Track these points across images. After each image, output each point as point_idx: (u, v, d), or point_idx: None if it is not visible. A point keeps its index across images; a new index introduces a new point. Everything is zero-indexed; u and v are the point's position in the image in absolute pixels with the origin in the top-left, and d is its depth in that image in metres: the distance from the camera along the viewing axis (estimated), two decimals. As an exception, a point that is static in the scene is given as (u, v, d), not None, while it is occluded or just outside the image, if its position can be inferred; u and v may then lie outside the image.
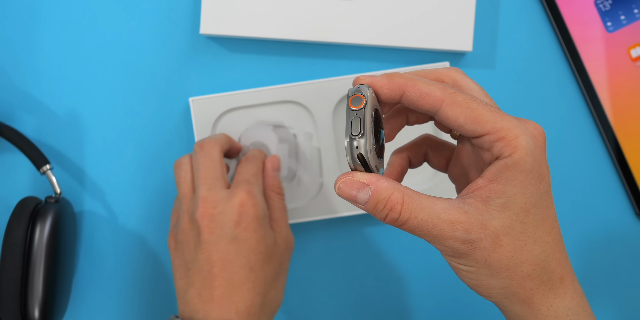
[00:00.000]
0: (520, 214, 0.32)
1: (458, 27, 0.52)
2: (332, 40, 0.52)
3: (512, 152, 0.31)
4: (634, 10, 0.54)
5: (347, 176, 0.32)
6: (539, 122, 0.55)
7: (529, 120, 0.33)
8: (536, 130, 0.33)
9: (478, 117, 0.32)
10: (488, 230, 0.32)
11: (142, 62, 0.55)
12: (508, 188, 0.32)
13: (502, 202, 0.32)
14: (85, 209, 0.55)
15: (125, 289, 0.55)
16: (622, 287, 0.56)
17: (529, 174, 0.32)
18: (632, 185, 0.55)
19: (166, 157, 0.55)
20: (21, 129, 0.54)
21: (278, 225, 0.48)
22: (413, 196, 0.32)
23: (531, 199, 0.32)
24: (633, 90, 0.54)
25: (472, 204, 0.32)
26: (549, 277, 0.33)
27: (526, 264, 0.33)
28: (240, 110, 0.54)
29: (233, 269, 0.43)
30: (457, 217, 0.32)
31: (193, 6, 0.54)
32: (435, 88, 0.32)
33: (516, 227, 0.32)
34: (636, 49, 0.54)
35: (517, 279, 0.33)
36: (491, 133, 0.32)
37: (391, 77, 0.33)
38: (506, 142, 0.31)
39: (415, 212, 0.32)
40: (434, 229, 0.32)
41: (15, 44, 0.54)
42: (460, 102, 0.32)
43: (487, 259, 0.32)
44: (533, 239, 0.33)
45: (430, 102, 0.32)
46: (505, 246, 0.32)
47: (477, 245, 0.32)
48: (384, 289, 0.55)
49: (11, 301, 0.47)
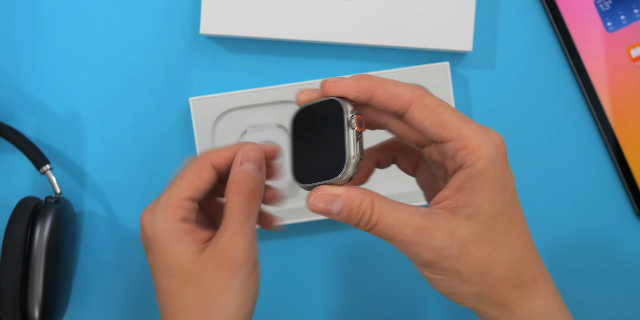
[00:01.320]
0: (488, 222, 0.32)
1: (458, 27, 0.52)
2: (332, 40, 0.52)
3: (476, 161, 0.32)
4: (634, 10, 0.54)
5: (318, 192, 0.33)
6: (539, 122, 0.55)
7: (491, 129, 0.34)
8: (498, 139, 0.33)
9: (444, 122, 0.32)
10: (454, 238, 0.32)
11: (142, 62, 0.55)
12: (474, 197, 0.32)
13: (470, 212, 0.32)
14: (85, 209, 0.55)
15: (125, 289, 0.55)
16: (622, 287, 0.56)
17: (494, 182, 0.32)
18: (632, 186, 0.55)
19: (166, 157, 0.55)
20: (21, 129, 0.54)
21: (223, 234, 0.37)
22: (381, 201, 0.33)
23: (498, 206, 0.32)
24: (633, 90, 0.54)
25: (440, 213, 0.33)
26: (521, 279, 0.34)
27: (497, 268, 0.33)
28: (240, 110, 0.54)
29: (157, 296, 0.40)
30: (423, 223, 0.32)
31: (193, 6, 0.54)
32: (405, 89, 0.33)
33: (484, 234, 0.32)
34: (636, 49, 0.54)
35: (489, 284, 0.33)
36: (455, 140, 0.32)
37: (360, 80, 0.33)
38: (469, 151, 0.32)
39: (383, 216, 0.33)
40: (399, 233, 0.32)
41: (15, 44, 0.54)
42: (429, 105, 0.32)
43: (455, 266, 0.33)
44: (502, 244, 0.33)
45: (399, 103, 0.33)
46: (473, 253, 0.32)
47: (443, 252, 0.32)
48: (384, 289, 0.55)
49: (11, 301, 0.47)
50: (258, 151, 0.38)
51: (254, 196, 0.37)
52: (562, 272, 0.56)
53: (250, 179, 0.37)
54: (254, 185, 0.37)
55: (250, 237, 0.36)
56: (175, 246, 0.37)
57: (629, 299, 0.56)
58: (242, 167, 0.37)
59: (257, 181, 0.37)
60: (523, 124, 0.55)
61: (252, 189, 0.37)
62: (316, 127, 0.34)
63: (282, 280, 0.55)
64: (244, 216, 0.36)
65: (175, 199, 0.37)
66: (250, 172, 0.37)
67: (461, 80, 0.55)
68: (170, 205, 0.37)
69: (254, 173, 0.37)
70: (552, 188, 0.56)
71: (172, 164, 0.55)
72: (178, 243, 0.37)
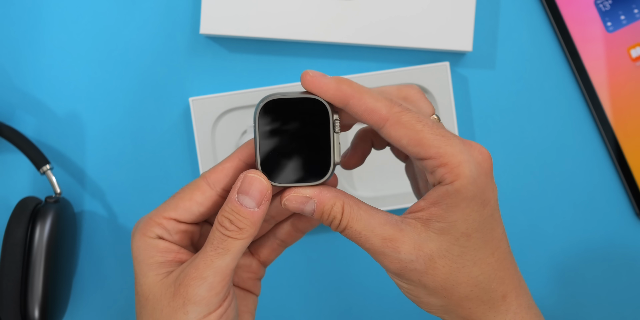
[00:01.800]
0: (460, 238, 0.32)
1: (458, 27, 0.52)
2: (332, 40, 0.52)
3: (454, 180, 0.31)
4: (634, 10, 0.54)
5: (290, 193, 0.33)
6: (539, 122, 0.55)
7: (475, 144, 0.32)
8: (481, 156, 0.32)
9: (422, 140, 0.31)
10: (422, 252, 0.32)
11: (142, 62, 0.55)
12: (448, 214, 0.31)
13: (442, 226, 0.32)
14: (85, 209, 0.55)
15: (125, 289, 0.55)
16: (622, 287, 0.56)
17: (471, 201, 0.31)
18: (632, 186, 0.55)
19: (166, 157, 0.55)
20: (21, 129, 0.54)
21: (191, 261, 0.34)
22: (353, 206, 0.33)
23: (473, 224, 0.32)
24: (633, 90, 0.54)
25: (411, 223, 0.32)
26: (489, 296, 0.33)
27: (463, 285, 0.32)
28: (240, 110, 0.54)
29: None
30: (390, 234, 0.32)
31: (193, 6, 0.54)
32: (382, 105, 0.31)
33: (454, 250, 0.32)
34: (636, 49, 0.54)
35: (455, 299, 0.33)
36: (434, 158, 0.31)
37: (339, 83, 0.32)
38: (448, 169, 0.31)
39: (352, 222, 0.32)
40: (366, 241, 0.32)
41: (15, 44, 0.54)
42: (405, 122, 0.31)
43: (420, 279, 0.32)
44: (473, 262, 0.32)
45: (374, 119, 0.31)
46: (439, 268, 0.32)
47: (408, 266, 0.32)
48: (384, 289, 0.55)
49: (11, 301, 0.47)
50: (261, 183, 0.33)
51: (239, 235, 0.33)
52: (562, 272, 0.56)
53: (240, 215, 0.33)
54: (243, 224, 0.33)
55: (220, 277, 0.33)
56: (144, 263, 0.35)
57: (629, 299, 0.56)
58: (237, 198, 0.33)
59: (248, 219, 0.33)
60: (523, 124, 0.55)
61: (240, 226, 0.33)
62: (293, 124, 0.33)
63: (282, 280, 0.55)
64: (218, 250, 0.33)
65: (157, 216, 0.35)
66: (241, 208, 0.32)
67: (461, 80, 0.55)
68: (151, 222, 0.35)
69: (245, 210, 0.32)
70: (551, 188, 0.56)
71: (172, 164, 0.55)
72: (148, 260, 0.35)
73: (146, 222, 0.35)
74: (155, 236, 0.35)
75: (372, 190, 0.54)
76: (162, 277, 0.34)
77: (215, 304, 0.33)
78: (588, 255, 0.56)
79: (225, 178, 0.35)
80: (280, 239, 0.39)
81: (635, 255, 0.56)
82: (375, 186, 0.54)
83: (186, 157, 0.55)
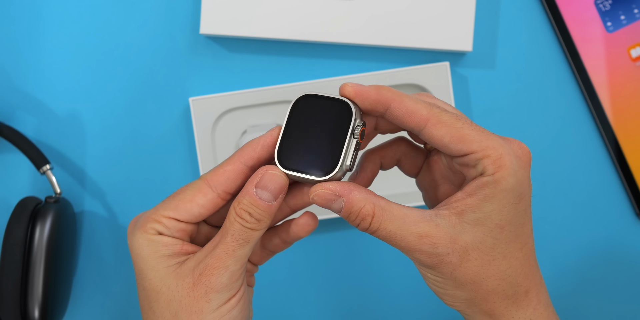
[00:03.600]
0: (494, 230, 0.32)
1: (458, 27, 0.52)
2: (332, 40, 0.52)
3: (496, 171, 0.32)
4: (634, 10, 0.54)
5: (320, 189, 0.33)
6: (539, 122, 0.55)
7: (513, 140, 0.34)
8: (521, 150, 0.33)
9: (464, 137, 0.32)
10: (457, 245, 0.32)
11: (142, 62, 0.55)
12: (485, 204, 0.32)
13: (477, 217, 0.32)
14: (85, 209, 0.55)
15: (125, 289, 0.55)
16: (622, 287, 0.56)
17: (509, 193, 0.32)
18: (632, 186, 0.55)
19: (166, 157, 0.55)
20: (21, 129, 0.54)
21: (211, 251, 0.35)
22: (385, 208, 0.33)
23: (507, 216, 0.32)
24: (633, 90, 0.54)
25: (446, 216, 0.33)
26: (514, 291, 0.34)
27: (492, 278, 0.33)
28: (240, 110, 0.54)
29: None
30: (427, 231, 0.32)
31: (193, 6, 0.54)
32: (422, 106, 0.32)
33: (487, 242, 0.32)
34: (636, 49, 0.54)
35: (482, 292, 0.33)
36: (477, 152, 0.32)
37: (379, 90, 0.33)
38: (491, 161, 0.32)
39: (385, 224, 0.33)
40: (401, 241, 0.32)
41: (15, 44, 0.54)
42: (446, 121, 0.32)
43: (452, 272, 0.33)
44: (503, 255, 0.33)
45: (416, 120, 0.32)
46: (472, 261, 0.33)
47: (444, 259, 0.32)
48: (384, 289, 0.55)
49: (11, 301, 0.47)
50: (280, 180, 0.34)
51: (258, 226, 0.34)
52: (562, 272, 0.56)
53: (258, 209, 0.34)
54: (261, 216, 0.34)
55: (240, 264, 0.34)
56: (150, 258, 0.35)
57: (629, 299, 0.56)
58: (256, 192, 0.34)
59: (266, 212, 0.34)
60: (523, 124, 0.55)
61: (259, 219, 0.34)
62: (319, 120, 0.34)
63: (282, 280, 0.55)
64: (240, 241, 0.34)
65: (156, 215, 0.36)
66: (260, 202, 0.34)
67: (461, 80, 0.55)
68: (150, 219, 0.36)
69: (263, 203, 0.34)
70: (552, 188, 0.56)
71: (172, 164, 0.55)
72: (155, 255, 0.35)
73: (145, 220, 0.36)
74: (155, 233, 0.35)
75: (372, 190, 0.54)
76: (175, 268, 0.35)
77: (234, 289, 0.34)
78: (588, 255, 0.56)
79: (226, 181, 0.36)
80: (269, 250, 0.40)
81: (635, 255, 0.56)
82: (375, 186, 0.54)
83: (186, 157, 0.55)
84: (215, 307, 0.34)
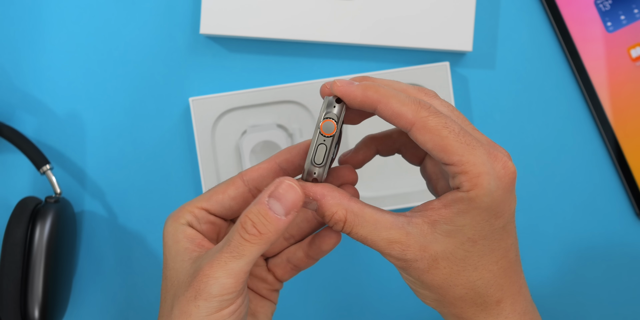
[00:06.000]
0: (466, 243, 0.32)
1: (458, 27, 0.52)
2: (332, 40, 0.52)
3: (471, 189, 0.31)
4: (634, 10, 0.54)
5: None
6: (539, 122, 0.55)
7: (501, 157, 0.32)
8: (504, 170, 0.32)
9: (446, 147, 0.31)
10: (426, 253, 0.32)
11: (142, 62, 0.55)
12: (458, 218, 0.32)
13: (450, 229, 0.32)
14: (85, 209, 0.55)
15: (125, 289, 0.55)
16: (622, 287, 0.56)
17: (483, 211, 0.31)
18: (632, 186, 0.55)
19: (166, 157, 0.55)
20: (21, 129, 0.54)
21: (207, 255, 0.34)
22: (357, 213, 0.33)
23: (481, 232, 0.32)
24: (633, 90, 0.54)
25: (418, 224, 0.33)
26: (483, 300, 0.34)
27: (459, 287, 0.33)
28: (240, 110, 0.54)
29: None
30: (397, 238, 0.32)
31: (193, 6, 0.54)
32: (408, 109, 0.31)
33: (458, 253, 0.32)
34: (636, 49, 0.54)
35: (449, 298, 0.34)
36: (456, 165, 0.31)
37: (365, 91, 0.32)
38: (468, 178, 0.31)
39: (356, 228, 0.33)
40: (372, 245, 0.33)
41: (15, 44, 0.54)
42: (431, 128, 0.31)
43: (420, 276, 0.33)
44: (474, 267, 0.33)
45: (401, 123, 0.32)
46: (441, 269, 0.33)
47: (412, 264, 0.33)
48: (384, 289, 0.55)
49: (11, 301, 0.47)
50: (296, 193, 0.32)
51: (258, 240, 0.32)
52: (562, 272, 0.56)
53: (265, 220, 0.32)
54: (266, 229, 0.31)
55: (233, 279, 0.32)
56: (173, 248, 0.36)
57: (629, 299, 0.56)
58: (267, 202, 0.32)
59: (272, 225, 0.32)
60: (523, 124, 0.55)
61: (262, 231, 0.32)
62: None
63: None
64: (233, 253, 0.32)
65: (190, 205, 0.37)
66: (269, 213, 0.31)
67: (461, 80, 0.55)
68: (183, 209, 0.37)
69: (273, 215, 0.31)
70: (551, 188, 0.56)
71: (172, 164, 0.55)
72: (176, 245, 0.35)
73: (179, 209, 0.37)
74: (185, 222, 0.36)
75: (372, 190, 0.54)
76: (187, 265, 0.34)
77: (226, 302, 0.33)
78: (588, 255, 0.56)
79: (259, 177, 0.36)
80: (293, 264, 0.39)
81: (635, 255, 0.56)
82: (375, 186, 0.54)
83: (186, 157, 0.55)
84: (205, 314, 0.32)
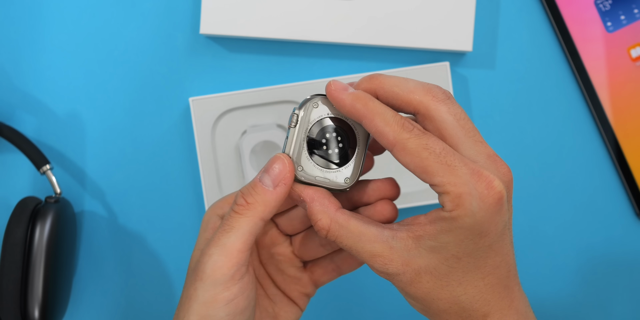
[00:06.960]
0: (450, 259, 0.32)
1: (458, 27, 0.52)
2: (332, 40, 0.52)
3: (453, 209, 0.31)
4: (634, 10, 0.54)
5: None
6: (539, 122, 0.55)
7: (485, 177, 0.31)
8: (487, 191, 0.31)
9: (426, 168, 0.31)
10: (409, 267, 0.32)
11: (142, 62, 0.55)
12: (442, 236, 0.31)
13: (434, 245, 0.32)
14: (85, 209, 0.55)
15: (125, 289, 0.55)
16: (622, 287, 0.56)
17: (466, 230, 0.31)
18: (632, 186, 0.55)
19: (166, 158, 0.55)
20: (21, 129, 0.54)
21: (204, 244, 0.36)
22: (342, 224, 0.33)
23: (466, 250, 0.32)
24: (633, 90, 0.54)
25: (402, 239, 0.32)
26: (468, 314, 0.33)
27: (443, 301, 0.33)
28: (240, 110, 0.54)
29: None
30: (379, 252, 0.32)
31: (193, 6, 0.54)
32: (390, 130, 0.31)
33: (442, 269, 0.32)
34: (636, 49, 0.54)
35: (433, 310, 0.34)
36: (438, 186, 0.31)
37: (354, 102, 0.32)
38: (449, 198, 0.31)
39: (340, 238, 0.33)
40: (356, 255, 0.33)
41: (15, 44, 0.54)
42: (411, 150, 0.31)
43: (403, 288, 0.33)
44: (458, 282, 0.32)
45: (383, 142, 0.32)
46: (424, 283, 0.33)
47: (394, 278, 0.33)
48: (384, 289, 0.55)
49: (11, 301, 0.47)
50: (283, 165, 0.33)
51: (245, 210, 0.33)
52: (562, 273, 0.56)
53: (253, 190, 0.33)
54: (253, 199, 0.33)
55: (224, 253, 0.32)
56: (200, 237, 0.37)
57: (629, 299, 0.56)
58: (259, 176, 0.33)
59: (260, 195, 0.33)
60: (523, 124, 0.55)
61: (249, 201, 0.33)
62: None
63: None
64: (224, 227, 0.33)
65: (231, 196, 0.38)
66: (257, 183, 0.33)
67: (461, 80, 0.55)
68: (224, 200, 0.38)
69: (260, 186, 0.33)
70: (551, 188, 0.56)
71: (172, 164, 0.55)
72: (202, 235, 0.37)
73: (221, 200, 0.38)
74: (221, 213, 0.37)
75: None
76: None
77: (220, 286, 0.32)
78: (588, 256, 0.56)
79: None
80: (337, 263, 0.40)
81: (635, 255, 0.56)
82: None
83: (186, 157, 0.55)
84: (202, 300, 0.32)
